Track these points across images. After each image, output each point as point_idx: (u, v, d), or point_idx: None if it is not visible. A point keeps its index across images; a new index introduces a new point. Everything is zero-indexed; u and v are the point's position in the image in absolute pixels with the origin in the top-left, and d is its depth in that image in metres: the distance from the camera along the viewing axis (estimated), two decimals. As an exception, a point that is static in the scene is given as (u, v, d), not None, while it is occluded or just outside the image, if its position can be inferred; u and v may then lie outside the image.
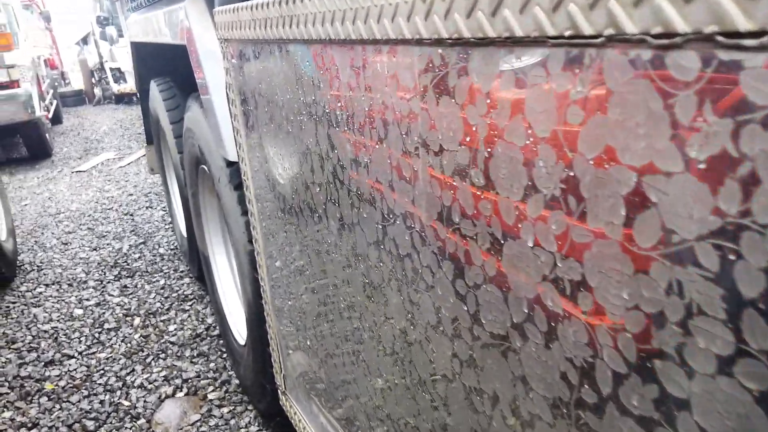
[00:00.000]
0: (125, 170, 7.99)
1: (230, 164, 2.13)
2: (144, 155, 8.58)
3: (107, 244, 5.17)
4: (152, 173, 5.11)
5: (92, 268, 4.68)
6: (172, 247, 4.98)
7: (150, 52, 4.03)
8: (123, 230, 5.51)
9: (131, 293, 4.18)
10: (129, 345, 3.49)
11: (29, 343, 3.58)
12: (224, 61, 1.56)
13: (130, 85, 14.42)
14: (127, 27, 4.79)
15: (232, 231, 2.25)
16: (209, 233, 3.11)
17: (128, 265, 4.70)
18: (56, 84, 14.25)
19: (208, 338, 3.51)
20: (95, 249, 5.08)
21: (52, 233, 5.59)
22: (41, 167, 8.62)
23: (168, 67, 4.03)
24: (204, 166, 2.65)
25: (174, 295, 4.09)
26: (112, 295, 4.17)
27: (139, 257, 4.83)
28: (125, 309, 3.95)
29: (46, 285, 4.42)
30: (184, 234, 4.22)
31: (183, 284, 4.25)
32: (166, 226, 5.49)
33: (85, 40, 17.57)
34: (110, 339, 3.58)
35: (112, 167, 8.21)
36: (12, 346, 3.55)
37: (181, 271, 4.48)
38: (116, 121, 12.68)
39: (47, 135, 9.19)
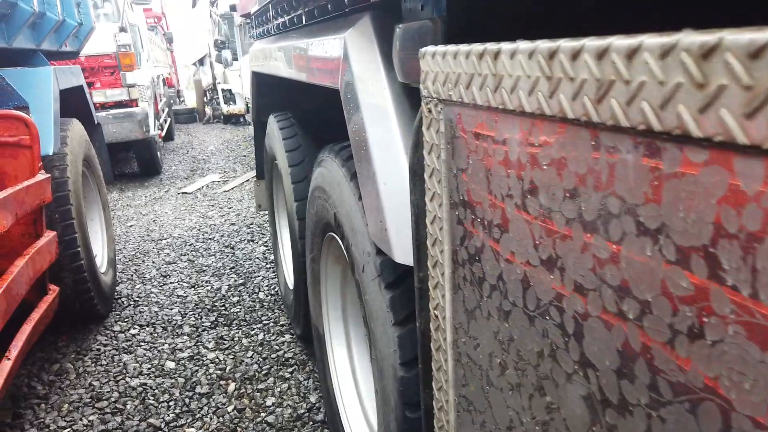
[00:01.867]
0: (229, 195, 7.82)
1: (381, 253, 1.57)
2: (248, 180, 8.41)
3: (206, 282, 4.83)
4: (259, 210, 4.73)
5: (189, 310, 4.32)
6: (272, 292, 4.55)
7: (272, 83, 3.64)
8: (223, 266, 5.17)
9: (227, 347, 3.74)
10: (221, 419, 3.01)
11: (114, 402, 3.20)
12: (427, 131, 0.99)
13: (238, 107, 14.72)
14: (247, 54, 4.48)
15: (376, 339, 1.67)
16: (327, 307, 2.58)
17: (226, 310, 4.30)
18: (171, 102, 14.80)
19: (311, 423, 2.96)
20: (193, 286, 4.75)
21: (153, 262, 5.35)
22: (150, 185, 8.67)
23: (291, 101, 3.62)
24: (336, 237, 2.11)
25: (273, 356, 3.60)
26: (207, 348, 3.75)
27: (238, 301, 4.43)
28: (220, 368, 3.50)
29: (141, 326, 4.10)
30: (290, 285, 3.75)
31: (283, 343, 3.76)
32: (268, 266, 5.09)
33: (201, 61, 18.31)
34: (201, 408, 3.12)
35: (217, 191, 8.08)
36: (96, 404, 3.17)
37: (282, 325, 4.01)
38: (223, 141, 12.86)
39: (159, 153, 9.30)
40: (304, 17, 2.39)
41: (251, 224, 6.38)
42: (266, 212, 5.09)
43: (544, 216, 0.70)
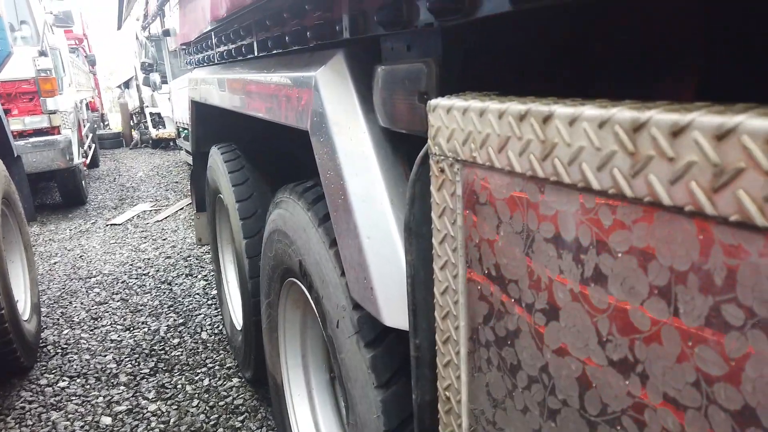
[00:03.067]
0: (162, 225, 7.41)
1: (359, 307, 1.43)
2: (182, 208, 8.03)
3: (142, 323, 4.48)
4: (200, 244, 4.46)
5: (124, 356, 3.97)
6: (216, 331, 4.27)
7: (213, 113, 3.43)
8: (160, 304, 4.83)
9: (170, 397, 3.44)
10: (168, 483, 2.73)
11: (44, 471, 2.85)
12: (438, 192, 0.87)
13: (168, 131, 14.16)
14: (177, 77, 4.26)
15: (355, 403, 1.52)
16: (285, 355, 2.39)
17: (166, 354, 3.98)
18: (96, 127, 14.06)
19: (269, 481, 2.74)
20: (128, 329, 4.40)
21: (81, 303, 4.93)
22: (74, 217, 8.09)
23: (235, 132, 3.43)
24: (299, 284, 1.95)
25: (221, 404, 3.35)
26: (148, 398, 3.44)
27: (179, 343, 4.13)
28: (163, 421, 3.21)
29: (71, 377, 3.72)
30: (238, 326, 3.52)
31: (232, 388, 3.51)
32: (209, 302, 4.80)
33: (127, 84, 17.56)
34: (144, 471, 2.83)
35: (149, 221, 7.64)
36: (22, 476, 2.81)
37: (229, 368, 3.75)
38: (153, 167, 12.29)
39: (83, 182, 8.73)
40: (256, 47, 2.24)
41: (188, 257, 6.04)
42: (207, 245, 4.82)
43: (618, 311, 0.59)
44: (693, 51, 1.03)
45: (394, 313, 1.22)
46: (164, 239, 6.75)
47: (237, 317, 3.59)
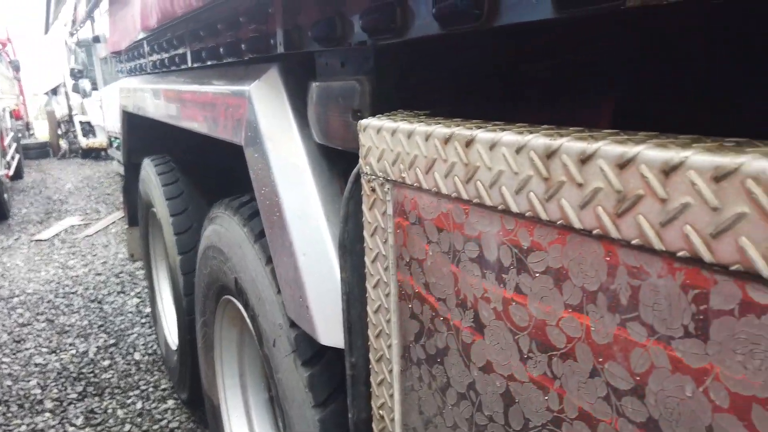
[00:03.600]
0: (92, 240, 7.08)
1: (296, 325, 1.41)
2: (114, 222, 7.72)
3: (70, 345, 4.26)
4: (132, 260, 4.30)
5: (50, 381, 3.76)
6: (150, 351, 4.11)
7: (146, 124, 3.33)
8: (89, 324, 4.61)
9: (100, 422, 3.28)
10: None
11: (-43, 508, 2.65)
12: (369, 211, 0.88)
13: (99, 140, 13.60)
14: (108, 84, 4.12)
15: (292, 423, 1.50)
16: (222, 375, 2.33)
17: (96, 377, 3.80)
18: (20, 136, 13.32)
19: (205, 505, 2.65)
20: (54, 351, 4.17)
21: (3, 325, 4.64)
22: (-6, 232, 7.62)
23: (169, 144, 3.33)
24: (236, 302, 1.91)
25: (156, 428, 3.22)
26: (75, 425, 3.27)
27: (110, 365, 3.94)
28: (91, 448, 3.05)
29: (-11, 405, 3.48)
30: (173, 345, 3.40)
31: (167, 410, 3.38)
32: (143, 321, 4.62)
33: (54, 91, 16.75)
34: (70, 502, 2.67)
35: (78, 236, 7.29)
36: None
37: (164, 390, 3.62)
38: (83, 179, 11.76)
39: (5, 195, 8.24)
40: (190, 58, 2.19)
41: (120, 273, 5.80)
42: (140, 261, 4.65)
43: (537, 329, 0.61)
44: (613, 73, 1.08)
45: (330, 332, 1.22)
46: (94, 255, 6.45)
47: (172, 336, 3.47)
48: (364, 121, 0.89)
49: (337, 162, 1.29)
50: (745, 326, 0.42)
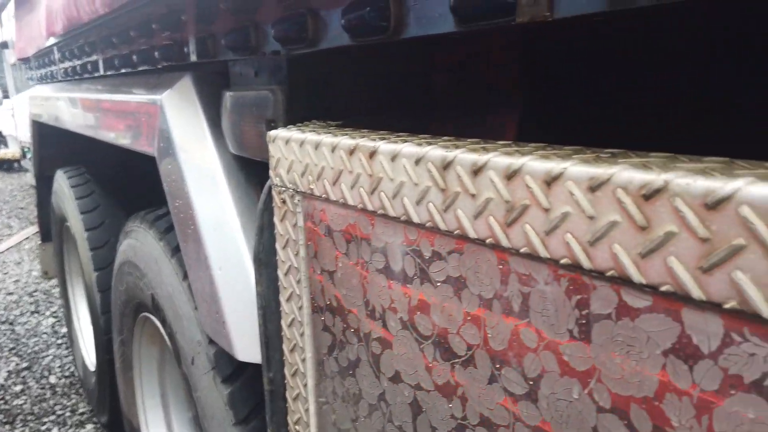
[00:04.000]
0: (4, 257, 6.61)
1: (214, 342, 1.37)
2: (27, 238, 7.26)
3: (-25, 371, 3.94)
4: (46, 277, 4.05)
5: (-48, 411, 3.46)
6: (67, 374, 3.88)
7: (58, 133, 3.15)
8: (0, 347, 4.29)
9: (9, 453, 3.05)
10: None
11: None
12: (281, 223, 0.87)
13: (11, 151, 12.77)
14: (21, 92, 3.89)
15: (213, 443, 1.44)
16: (142, 396, 2.22)
17: (6, 403, 3.54)
18: None
19: None
20: (-42, 378, 3.85)
21: None
22: None
23: (83, 155, 3.17)
24: (153, 319, 1.83)
25: (72, 455, 3.03)
26: (-20, 458, 3.02)
27: (22, 390, 3.68)
28: (-1, 482, 2.83)
29: None
30: (91, 367, 3.22)
31: (85, 436, 3.19)
32: (59, 342, 4.35)
33: (-40, 98, 15.58)
34: None
35: (-14, 253, 6.79)
36: None
37: (82, 414, 3.42)
38: (-7, 192, 10.98)
39: None
40: (102, 65, 2.10)
41: (34, 292, 5.44)
42: (55, 279, 4.38)
43: (440, 337, 0.62)
44: (515, 86, 1.12)
45: (248, 347, 1.19)
46: (5, 273, 6.03)
47: (90, 357, 3.28)
48: (272, 132, 0.87)
49: (254, 173, 1.27)
50: (622, 329, 0.44)
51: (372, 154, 0.66)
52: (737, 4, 1.02)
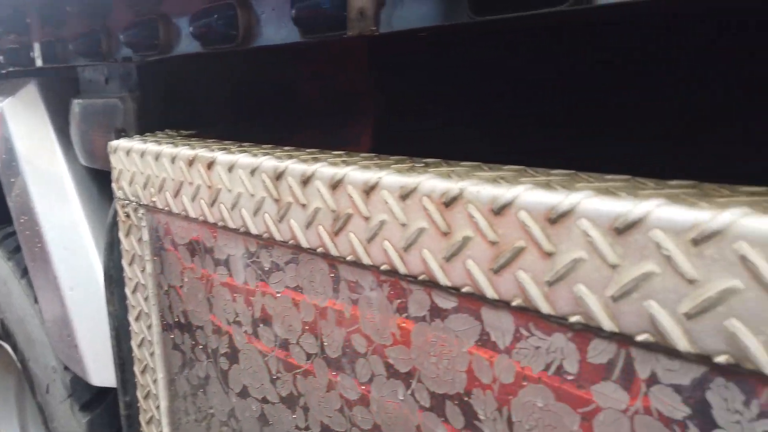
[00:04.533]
0: None
1: (68, 368, 1.27)
2: None
3: None
4: None
5: None
6: None
7: None
8: None
9: None
10: None
11: None
12: (126, 238, 0.83)
13: None
14: None
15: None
16: (-3, 432, 2.01)
17: None
18: None
19: None
20: None
21: None
22: None
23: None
24: (4, 345, 1.66)
25: None
26: None
27: None
28: None
29: None
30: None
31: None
32: None
33: None
34: None
35: None
36: None
37: (-74, 459, 3.01)
38: None
39: None
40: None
41: None
42: None
43: (282, 348, 0.61)
44: (371, 94, 1.15)
45: (102, 371, 1.11)
46: None
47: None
48: (113, 143, 0.83)
49: (108, 185, 1.19)
50: (435, 330, 0.46)
51: (210, 165, 0.64)
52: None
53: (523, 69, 1.25)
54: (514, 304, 0.40)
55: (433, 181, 0.44)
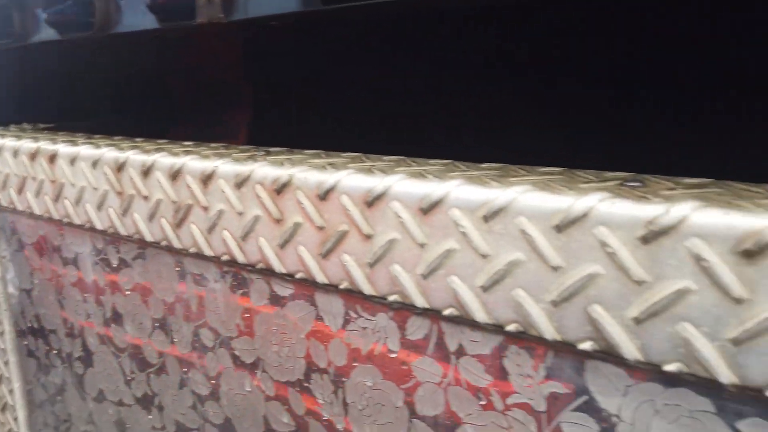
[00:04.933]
0: None
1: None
2: None
3: None
4: None
5: None
6: None
7: None
8: None
9: None
10: None
11: None
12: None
13: None
14: None
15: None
16: None
17: None
18: None
19: None
20: None
21: None
22: None
23: None
24: None
25: None
26: None
27: None
28: None
29: None
30: None
31: None
32: None
33: None
34: None
35: None
36: None
37: None
38: None
39: None
40: None
41: None
42: None
43: (134, 348, 0.59)
44: (247, 86, 1.12)
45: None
46: None
47: None
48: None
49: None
50: (276, 318, 0.46)
51: (52, 158, 0.61)
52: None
53: (404, 59, 1.28)
54: (341, 287, 0.41)
55: (265, 169, 0.44)
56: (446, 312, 0.36)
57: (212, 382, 0.53)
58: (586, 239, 0.30)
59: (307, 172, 0.42)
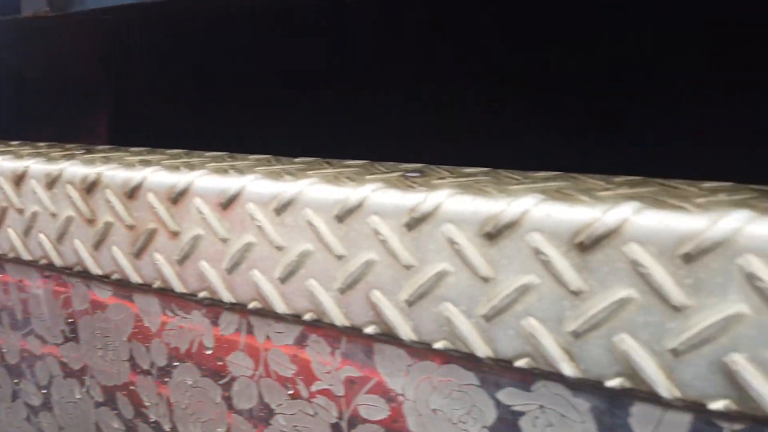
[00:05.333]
0: None
1: None
2: None
3: None
4: None
5: None
6: None
7: None
8: None
9: None
10: None
11: None
12: None
13: None
14: None
15: None
16: None
17: None
18: None
19: None
20: None
21: None
22: None
23: None
24: None
25: None
26: None
27: None
28: None
29: None
30: None
31: None
32: None
33: None
34: None
35: None
36: None
37: None
38: None
39: None
40: None
41: None
42: None
43: None
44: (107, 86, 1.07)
45: None
46: None
47: None
48: None
49: None
50: (98, 322, 0.45)
51: None
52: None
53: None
54: (155, 286, 0.40)
55: (75, 168, 0.42)
56: (251, 305, 0.37)
57: (44, 392, 0.50)
58: (362, 228, 0.32)
59: (115, 170, 0.41)
